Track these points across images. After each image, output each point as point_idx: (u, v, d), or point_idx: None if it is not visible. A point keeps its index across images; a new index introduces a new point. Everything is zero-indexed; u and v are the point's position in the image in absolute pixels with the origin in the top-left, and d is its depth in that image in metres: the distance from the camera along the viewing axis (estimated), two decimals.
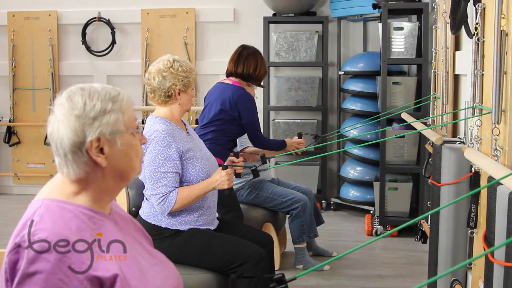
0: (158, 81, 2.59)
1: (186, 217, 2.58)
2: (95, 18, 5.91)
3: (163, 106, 2.64)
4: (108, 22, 5.89)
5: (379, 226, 4.61)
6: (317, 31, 5.48)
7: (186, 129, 2.71)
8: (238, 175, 2.74)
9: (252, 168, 2.73)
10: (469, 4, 2.45)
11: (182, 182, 2.56)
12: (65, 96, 1.38)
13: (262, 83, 3.69)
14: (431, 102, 4.09)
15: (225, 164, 2.65)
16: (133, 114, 1.46)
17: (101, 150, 1.37)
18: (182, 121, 2.74)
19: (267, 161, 3.55)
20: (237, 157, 2.82)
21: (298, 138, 3.84)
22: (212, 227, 2.67)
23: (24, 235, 1.29)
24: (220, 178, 2.56)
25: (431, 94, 4.10)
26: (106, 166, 1.38)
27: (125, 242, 1.42)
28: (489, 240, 2.07)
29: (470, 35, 2.46)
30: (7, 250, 1.31)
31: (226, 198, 3.13)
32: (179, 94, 2.61)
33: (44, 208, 1.34)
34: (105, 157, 1.38)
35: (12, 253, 1.28)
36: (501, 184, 1.91)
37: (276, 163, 5.27)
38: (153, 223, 2.57)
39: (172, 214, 2.56)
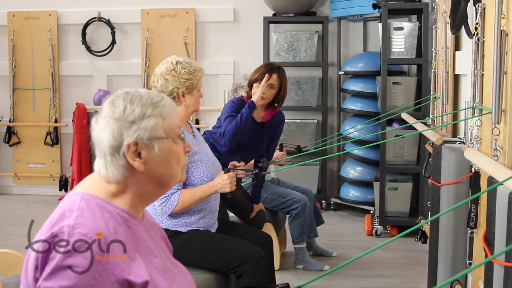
0: (161, 84, 2.59)
1: (187, 219, 2.58)
2: (95, 18, 5.91)
3: None
4: (108, 22, 5.89)
5: (379, 226, 4.60)
6: (317, 31, 5.48)
7: (193, 131, 2.71)
8: (239, 180, 2.73)
9: (254, 172, 2.73)
10: (469, 4, 2.45)
11: (185, 185, 2.56)
12: (109, 100, 1.40)
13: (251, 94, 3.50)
14: (431, 102, 4.09)
15: (227, 168, 2.65)
16: (175, 121, 1.43)
17: (139, 155, 1.37)
18: (189, 123, 2.73)
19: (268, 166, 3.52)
20: (239, 161, 2.82)
21: (279, 150, 3.82)
22: (212, 230, 2.67)
23: (63, 227, 1.27)
24: (222, 182, 2.56)
25: (431, 94, 4.10)
26: (143, 171, 1.38)
27: (153, 250, 1.41)
28: (489, 240, 2.07)
29: (470, 35, 2.46)
30: (40, 237, 1.28)
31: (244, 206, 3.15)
32: (183, 96, 2.59)
33: (84, 203, 1.33)
34: (143, 162, 1.37)
35: (48, 242, 1.26)
36: (502, 184, 1.91)
37: (277, 165, 5.27)
38: None
39: (173, 215, 2.56)
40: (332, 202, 5.45)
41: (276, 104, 3.51)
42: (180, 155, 1.43)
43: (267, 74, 3.41)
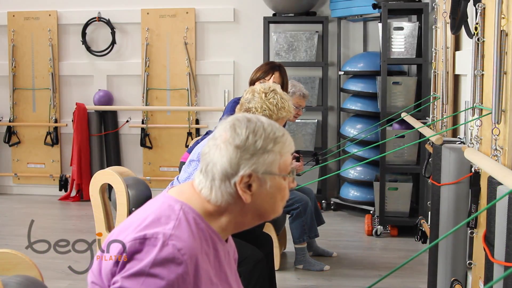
0: (247, 97, 2.59)
1: None
2: (95, 18, 5.91)
3: None
4: (108, 22, 5.89)
5: (379, 226, 4.60)
6: (317, 31, 5.48)
7: None
8: None
9: None
10: (469, 4, 2.45)
11: None
12: (230, 123, 1.36)
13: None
14: (431, 103, 4.09)
15: None
16: (290, 158, 1.40)
17: (249, 187, 1.34)
18: None
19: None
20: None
21: (296, 161, 3.81)
22: None
23: (158, 233, 1.25)
24: None
25: (431, 94, 4.10)
26: (248, 203, 1.35)
27: (229, 278, 1.40)
28: (489, 240, 2.07)
29: (470, 35, 2.46)
30: (128, 234, 1.27)
31: None
32: None
33: (183, 214, 1.32)
34: (251, 194, 1.34)
35: (138, 242, 1.25)
36: (501, 184, 1.92)
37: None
38: None
39: None
40: (332, 202, 5.45)
41: None
42: (286, 192, 1.41)
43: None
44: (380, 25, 4.73)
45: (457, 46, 3.46)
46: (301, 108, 3.95)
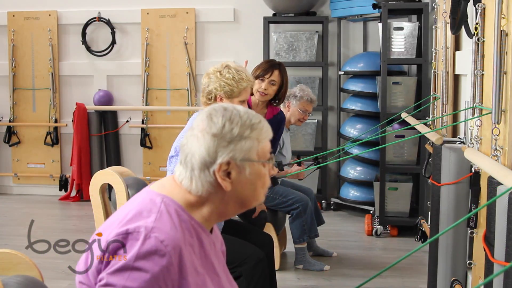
0: (204, 82, 2.61)
1: None
2: (95, 18, 5.91)
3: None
4: (108, 22, 5.89)
5: (379, 226, 4.60)
6: (317, 31, 5.48)
7: None
8: None
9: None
10: (469, 4, 2.45)
11: None
12: (206, 114, 1.37)
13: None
14: (431, 103, 4.09)
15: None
16: (268, 145, 1.40)
17: (228, 175, 1.34)
18: None
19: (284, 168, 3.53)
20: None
21: (298, 165, 3.80)
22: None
23: (140, 227, 1.26)
24: None
25: (431, 94, 4.10)
26: (229, 191, 1.35)
27: (216, 267, 1.41)
28: (489, 240, 2.07)
29: (470, 35, 2.46)
30: (110, 231, 1.28)
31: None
32: (221, 100, 2.58)
33: (164, 207, 1.32)
34: (231, 182, 1.34)
35: (120, 237, 1.25)
36: (501, 184, 1.92)
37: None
38: None
39: None
40: (332, 202, 5.45)
41: (277, 101, 3.52)
42: (266, 179, 1.41)
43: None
44: (380, 25, 4.73)
45: (457, 46, 3.46)
46: (308, 113, 3.95)
